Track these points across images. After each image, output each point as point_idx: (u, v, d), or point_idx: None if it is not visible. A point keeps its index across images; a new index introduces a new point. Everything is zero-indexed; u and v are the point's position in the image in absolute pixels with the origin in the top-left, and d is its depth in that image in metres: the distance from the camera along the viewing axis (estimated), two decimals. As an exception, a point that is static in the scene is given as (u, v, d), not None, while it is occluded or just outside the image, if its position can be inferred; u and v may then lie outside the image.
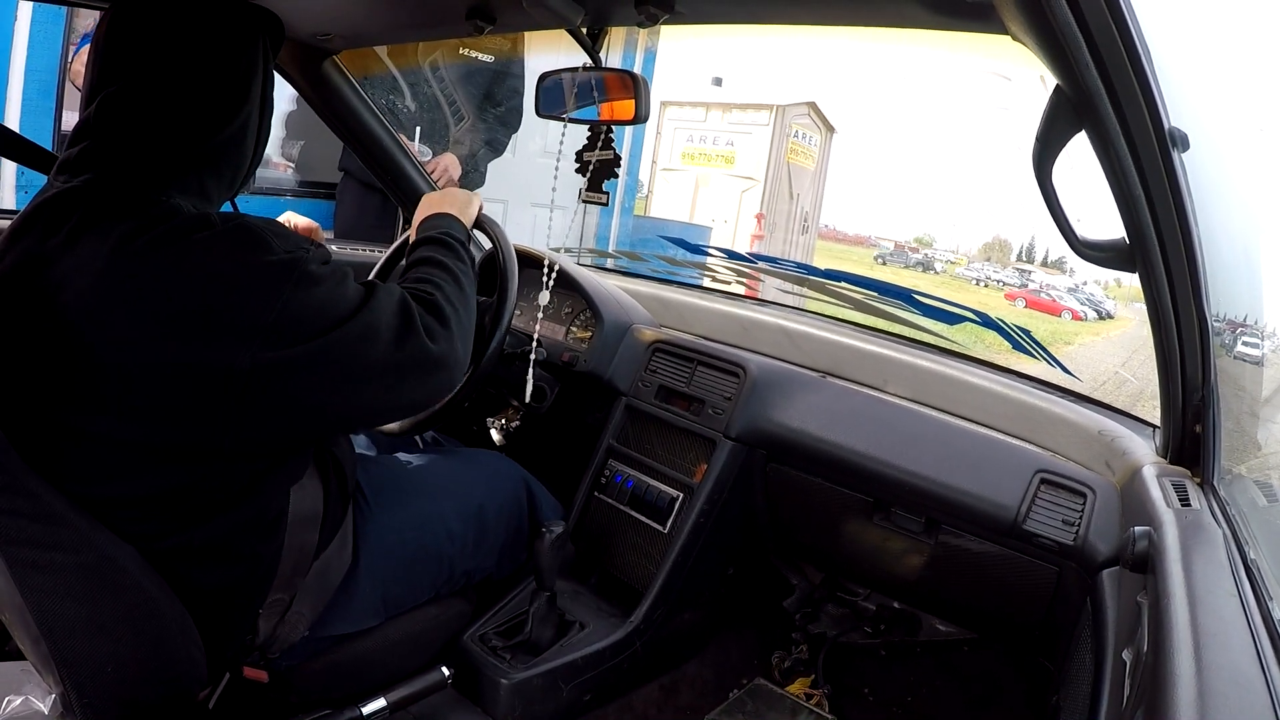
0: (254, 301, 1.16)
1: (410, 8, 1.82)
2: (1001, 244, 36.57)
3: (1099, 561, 1.63)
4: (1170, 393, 1.57)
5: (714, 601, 2.30)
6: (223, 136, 1.30)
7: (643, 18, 1.48)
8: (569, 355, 2.32)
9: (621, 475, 2.24)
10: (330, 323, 1.22)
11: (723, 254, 3.12)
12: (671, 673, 2.22)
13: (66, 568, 1.15)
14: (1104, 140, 1.11)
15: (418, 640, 1.72)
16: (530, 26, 1.73)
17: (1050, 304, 23.60)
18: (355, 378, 1.26)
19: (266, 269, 1.18)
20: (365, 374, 1.26)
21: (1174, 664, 0.92)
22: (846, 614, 2.52)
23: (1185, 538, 1.27)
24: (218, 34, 1.28)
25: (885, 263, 29.40)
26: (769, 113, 18.70)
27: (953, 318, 2.48)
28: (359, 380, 1.26)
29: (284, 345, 1.17)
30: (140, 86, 1.24)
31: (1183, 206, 1.18)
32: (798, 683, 2.37)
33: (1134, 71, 0.99)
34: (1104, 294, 25.84)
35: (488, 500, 1.83)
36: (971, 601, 2.08)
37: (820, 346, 2.35)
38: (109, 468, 1.17)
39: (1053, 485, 1.79)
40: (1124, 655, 1.22)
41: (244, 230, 1.20)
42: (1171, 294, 1.34)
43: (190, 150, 1.28)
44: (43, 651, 1.16)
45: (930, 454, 1.92)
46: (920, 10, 1.27)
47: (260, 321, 1.15)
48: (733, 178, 18.79)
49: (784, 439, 2.09)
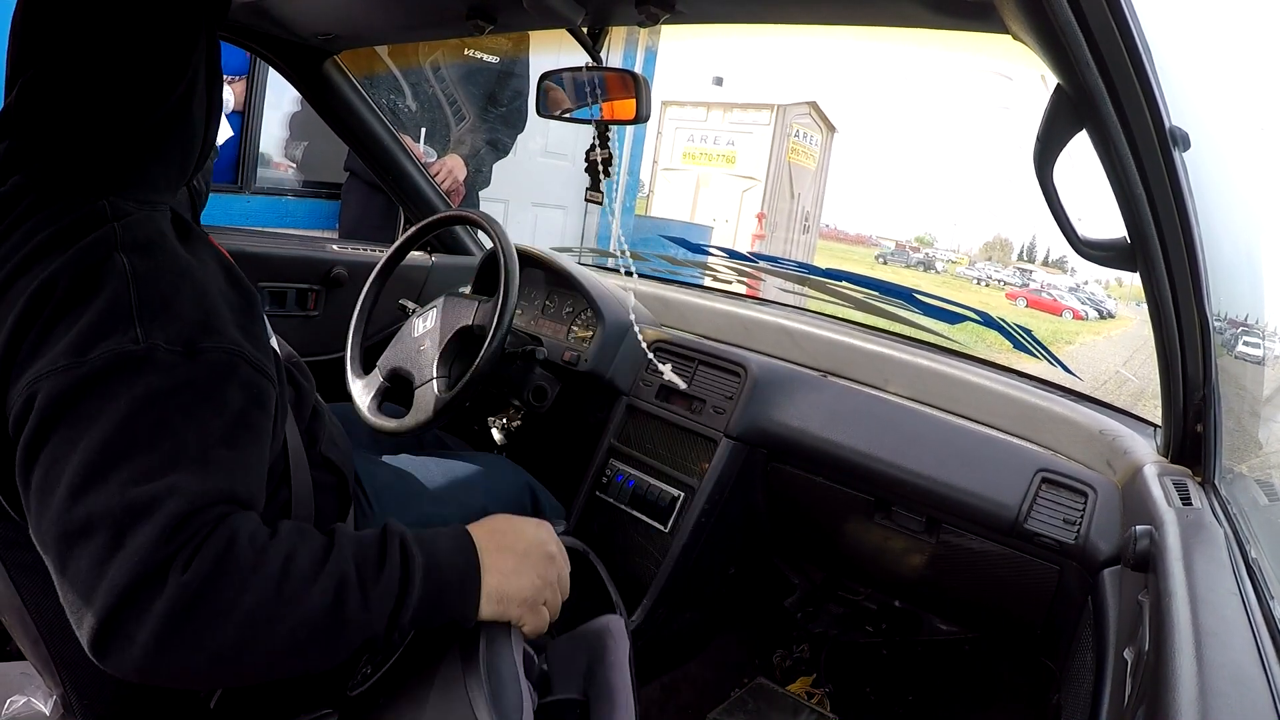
0: (44, 346, 0.95)
1: (411, 8, 1.83)
2: (1003, 243, 36.58)
3: (1100, 560, 1.63)
4: (1171, 391, 1.57)
5: (715, 601, 2.30)
6: (161, 114, 1.13)
7: (643, 17, 1.48)
8: (570, 354, 2.32)
9: (623, 475, 2.24)
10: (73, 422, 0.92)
11: (724, 253, 3.12)
12: (673, 672, 2.23)
13: None
14: (1105, 139, 1.11)
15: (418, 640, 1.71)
16: (531, 26, 1.74)
17: (1051, 303, 23.62)
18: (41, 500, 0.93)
19: (86, 324, 0.95)
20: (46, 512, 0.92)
21: (1175, 663, 0.92)
22: (848, 613, 2.52)
23: (1186, 537, 1.27)
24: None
25: (886, 262, 29.42)
26: (770, 112, 18.72)
27: (954, 317, 2.48)
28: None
29: (26, 416, 0.93)
30: (60, 67, 1.08)
31: (1184, 205, 1.18)
32: (799, 682, 2.38)
33: (1135, 70, 0.99)
34: (1105, 293, 25.87)
35: (490, 503, 1.80)
36: (973, 600, 2.08)
37: (821, 346, 2.35)
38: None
39: (1054, 484, 1.79)
40: (1125, 654, 1.22)
41: (117, 279, 0.98)
42: (1173, 293, 1.35)
43: (126, 135, 1.11)
44: (43, 653, 1.15)
45: (931, 453, 1.92)
46: (921, 10, 1.27)
47: (28, 374, 0.94)
48: (734, 177, 18.82)
49: (785, 438, 2.09)
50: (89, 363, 0.93)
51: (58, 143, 1.10)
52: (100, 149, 1.10)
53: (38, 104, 1.09)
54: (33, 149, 1.10)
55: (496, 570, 1.08)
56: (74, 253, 1.00)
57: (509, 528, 1.16)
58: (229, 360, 1.02)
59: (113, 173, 1.11)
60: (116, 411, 0.91)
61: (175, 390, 0.95)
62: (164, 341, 0.97)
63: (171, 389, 0.95)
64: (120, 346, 0.94)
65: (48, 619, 1.13)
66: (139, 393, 0.93)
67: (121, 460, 0.90)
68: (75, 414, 0.92)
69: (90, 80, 1.08)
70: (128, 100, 1.10)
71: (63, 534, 0.89)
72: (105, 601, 0.84)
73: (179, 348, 0.97)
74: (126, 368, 0.94)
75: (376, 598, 0.96)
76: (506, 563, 1.10)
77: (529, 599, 1.11)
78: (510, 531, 1.15)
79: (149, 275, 1.01)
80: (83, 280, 0.98)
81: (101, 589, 0.85)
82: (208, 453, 0.95)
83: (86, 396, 0.92)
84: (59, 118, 1.09)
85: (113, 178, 1.11)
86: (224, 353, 1.02)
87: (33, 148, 1.10)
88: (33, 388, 0.93)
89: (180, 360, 0.97)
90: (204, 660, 0.86)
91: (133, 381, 0.93)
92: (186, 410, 0.96)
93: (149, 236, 1.06)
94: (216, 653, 0.87)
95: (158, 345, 0.96)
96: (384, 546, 1.01)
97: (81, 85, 1.08)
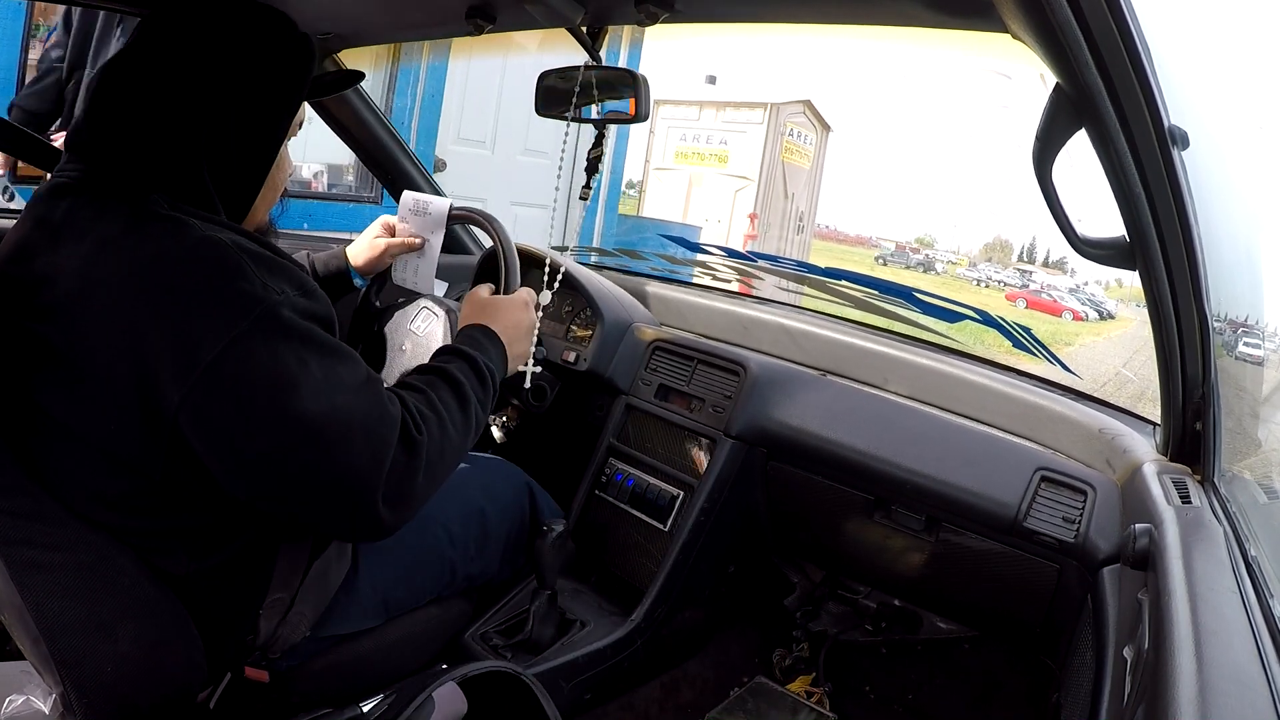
0: (198, 333, 1.08)
1: (411, 7, 1.82)
2: (1003, 244, 36.56)
3: (1100, 559, 1.63)
4: (1171, 390, 1.57)
5: (715, 600, 2.31)
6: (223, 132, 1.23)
7: (642, 16, 1.48)
8: (569, 354, 2.32)
9: (622, 474, 2.24)
10: (273, 393, 1.11)
11: (723, 253, 3.12)
12: (672, 671, 2.23)
13: (65, 567, 1.15)
14: (1104, 138, 1.11)
15: (419, 640, 1.71)
16: (530, 25, 1.73)
17: (1051, 304, 23.60)
18: (266, 471, 1.14)
19: (225, 298, 1.11)
20: (278, 474, 1.14)
21: (1175, 661, 0.92)
22: (847, 612, 2.52)
23: (1186, 535, 1.27)
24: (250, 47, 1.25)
25: (886, 263, 29.41)
26: (763, 111, 18.75)
27: (953, 316, 2.48)
28: (270, 475, 1.15)
29: (214, 397, 1.09)
30: (159, 85, 1.20)
31: (1183, 204, 1.19)
32: (798, 681, 2.37)
33: (1134, 69, 0.99)
34: (1105, 294, 25.82)
35: (489, 504, 1.81)
36: (972, 599, 2.08)
37: (821, 344, 2.35)
38: (88, 465, 1.16)
39: (1053, 483, 1.79)
40: (1125, 653, 1.22)
41: (213, 246, 1.13)
42: (1172, 291, 1.35)
43: (188, 148, 1.21)
44: (42, 651, 1.15)
45: (931, 452, 1.92)
46: (920, 8, 1.27)
47: (197, 359, 1.08)
48: (726, 177, 18.84)
49: (784, 437, 2.09)
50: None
51: (118, 145, 1.20)
52: (158, 156, 1.20)
53: (111, 111, 1.21)
54: (97, 146, 1.22)
55: (512, 352, 1.58)
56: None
57: (510, 319, 1.61)
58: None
59: (167, 177, 1.21)
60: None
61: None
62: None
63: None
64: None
65: (48, 617, 1.14)
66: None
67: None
68: None
69: (166, 101, 1.19)
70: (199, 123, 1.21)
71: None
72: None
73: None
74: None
75: (479, 402, 1.40)
76: (515, 342, 1.59)
77: (523, 352, 1.64)
78: (509, 320, 1.61)
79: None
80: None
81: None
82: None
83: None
84: (124, 125, 1.20)
85: (166, 182, 1.20)
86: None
87: (97, 145, 1.22)
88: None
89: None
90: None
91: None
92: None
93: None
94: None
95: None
96: (473, 366, 1.43)
97: (158, 104, 1.19)
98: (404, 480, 1.20)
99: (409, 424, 1.22)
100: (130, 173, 1.20)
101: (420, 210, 1.89)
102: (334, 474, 1.14)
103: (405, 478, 1.20)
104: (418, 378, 1.37)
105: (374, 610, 1.57)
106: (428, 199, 1.91)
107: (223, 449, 1.12)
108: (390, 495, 1.17)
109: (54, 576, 1.14)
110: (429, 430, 1.26)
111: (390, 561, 1.59)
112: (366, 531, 1.22)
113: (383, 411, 1.19)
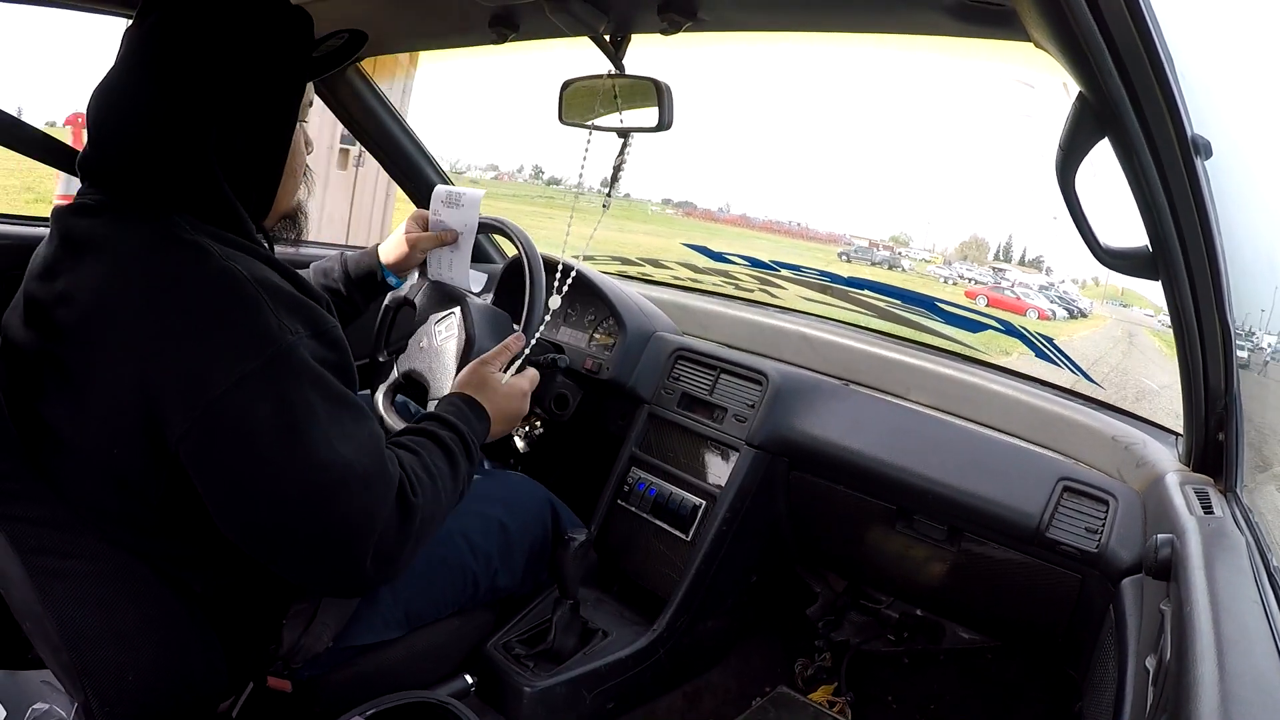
0: (207, 367, 1.07)
1: (433, 15, 1.84)
2: (979, 243, 36.24)
3: (1122, 569, 1.63)
4: (1193, 400, 1.57)
5: (737, 609, 2.31)
6: (245, 146, 1.23)
7: (665, 25, 1.49)
8: (592, 362, 2.33)
9: (644, 483, 2.24)
10: (275, 436, 1.10)
11: (746, 262, 3.13)
12: (694, 680, 2.22)
13: (86, 576, 1.16)
14: (1127, 148, 1.11)
15: (441, 650, 1.72)
16: (553, 34, 1.74)
17: (1014, 302, 23.16)
18: (258, 514, 1.13)
19: (237, 334, 1.09)
20: (270, 518, 1.13)
21: (1197, 671, 0.92)
22: (869, 622, 2.52)
23: (1208, 545, 1.27)
24: (247, 39, 1.21)
25: (850, 259, 29.10)
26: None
27: (975, 325, 2.49)
28: (261, 518, 1.13)
29: (216, 434, 1.08)
30: (156, 92, 1.17)
31: (1205, 214, 1.18)
32: (821, 691, 2.37)
33: (1157, 78, 0.99)
34: (1079, 292, 25.41)
35: (511, 518, 1.81)
36: (994, 609, 2.08)
37: (842, 354, 2.35)
38: (91, 481, 1.16)
39: (1075, 493, 1.78)
40: (1147, 663, 1.22)
41: (231, 279, 1.11)
42: (1194, 301, 1.34)
43: (199, 152, 1.18)
44: (64, 660, 1.16)
45: (953, 462, 1.92)
46: (943, 17, 1.27)
47: (202, 394, 1.07)
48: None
49: (806, 447, 2.09)
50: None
51: (140, 161, 1.18)
52: (177, 172, 1.18)
53: (126, 123, 1.18)
54: (116, 163, 1.19)
55: (492, 431, 1.55)
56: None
57: (504, 406, 1.58)
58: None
59: (188, 194, 1.19)
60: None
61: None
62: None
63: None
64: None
65: (69, 626, 1.15)
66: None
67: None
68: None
69: (178, 108, 1.17)
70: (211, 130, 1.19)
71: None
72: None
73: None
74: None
75: (466, 474, 1.41)
76: (497, 422, 1.56)
77: (499, 433, 1.59)
78: (503, 406, 1.58)
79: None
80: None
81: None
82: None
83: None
84: (143, 139, 1.17)
85: (188, 199, 1.19)
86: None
87: (116, 162, 1.19)
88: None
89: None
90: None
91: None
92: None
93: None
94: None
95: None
96: (461, 439, 1.41)
97: (170, 111, 1.17)
98: (395, 540, 1.18)
99: (405, 486, 1.22)
100: (148, 194, 1.18)
101: (453, 202, 1.87)
102: (325, 526, 1.12)
103: (397, 539, 1.19)
104: (412, 439, 1.36)
105: (396, 621, 1.57)
106: (460, 190, 1.88)
107: (218, 485, 1.12)
108: (379, 554, 1.16)
109: (75, 585, 1.15)
110: (424, 494, 1.25)
111: (413, 574, 1.57)
112: (346, 586, 1.25)
113: (383, 469, 1.18)
